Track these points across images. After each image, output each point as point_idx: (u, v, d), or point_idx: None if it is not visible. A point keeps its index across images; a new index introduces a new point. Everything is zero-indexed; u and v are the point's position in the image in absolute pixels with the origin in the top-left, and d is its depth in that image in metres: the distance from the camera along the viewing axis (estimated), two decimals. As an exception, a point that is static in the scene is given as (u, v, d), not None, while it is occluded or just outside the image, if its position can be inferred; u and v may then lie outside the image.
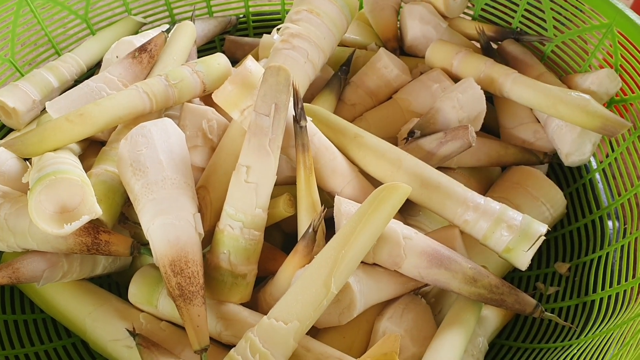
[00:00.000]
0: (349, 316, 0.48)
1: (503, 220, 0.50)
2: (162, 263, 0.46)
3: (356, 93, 0.65)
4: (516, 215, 0.51)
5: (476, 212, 0.51)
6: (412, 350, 0.49)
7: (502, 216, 0.50)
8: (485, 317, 0.54)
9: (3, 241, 0.50)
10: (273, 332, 0.43)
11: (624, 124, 0.55)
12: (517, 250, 0.50)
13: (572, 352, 0.52)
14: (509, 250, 0.50)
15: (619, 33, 0.58)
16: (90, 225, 0.49)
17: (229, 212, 0.48)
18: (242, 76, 0.51)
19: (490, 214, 0.50)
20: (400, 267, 0.48)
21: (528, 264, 0.50)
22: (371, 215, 0.45)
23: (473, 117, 0.60)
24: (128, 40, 0.67)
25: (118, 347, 0.52)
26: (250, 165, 0.47)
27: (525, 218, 0.50)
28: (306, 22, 0.60)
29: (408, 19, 0.71)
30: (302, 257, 0.48)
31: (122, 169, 0.49)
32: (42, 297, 0.56)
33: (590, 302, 0.57)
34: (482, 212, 0.51)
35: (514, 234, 0.50)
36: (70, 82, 0.69)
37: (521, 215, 0.51)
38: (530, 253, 0.50)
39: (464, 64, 0.64)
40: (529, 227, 0.50)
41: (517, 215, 0.51)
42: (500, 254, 0.51)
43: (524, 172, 0.61)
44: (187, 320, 0.45)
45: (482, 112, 0.61)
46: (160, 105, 0.54)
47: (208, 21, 0.79)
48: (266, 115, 0.47)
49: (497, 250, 0.51)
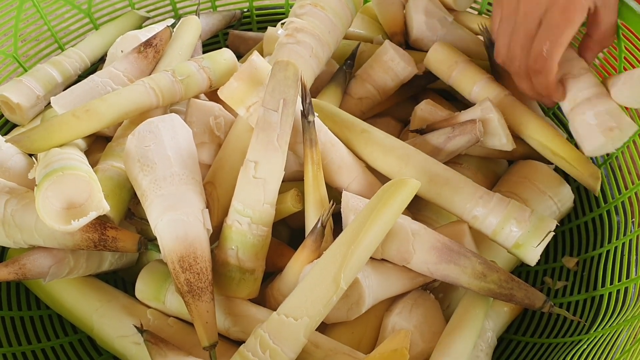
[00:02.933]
0: (357, 312, 0.48)
1: (512, 216, 0.50)
2: (171, 259, 0.46)
3: (363, 87, 0.65)
4: (525, 210, 0.50)
5: (485, 208, 0.50)
6: (421, 346, 0.49)
7: (512, 212, 0.50)
8: (493, 312, 0.54)
9: (9, 237, 0.50)
10: (283, 328, 0.43)
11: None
12: (527, 246, 0.50)
13: (582, 347, 0.51)
14: (518, 246, 0.50)
15: (622, 25, 0.57)
16: (97, 221, 0.49)
17: (236, 208, 0.48)
18: (248, 72, 0.50)
19: (500, 210, 0.50)
20: (409, 262, 0.48)
21: (537, 259, 0.50)
22: (380, 211, 0.45)
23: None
24: (133, 35, 0.67)
25: (126, 343, 0.51)
26: (258, 161, 0.47)
27: (535, 213, 0.50)
28: (311, 16, 0.60)
29: (413, 12, 0.70)
30: (311, 253, 0.48)
31: (130, 165, 0.49)
32: (48, 294, 0.56)
33: (599, 297, 0.57)
34: (492, 208, 0.50)
35: (523, 229, 0.49)
36: (74, 77, 0.69)
37: (530, 211, 0.50)
38: (539, 249, 0.49)
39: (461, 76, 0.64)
40: (539, 223, 0.49)
41: (527, 210, 0.50)
42: (509, 250, 0.51)
43: (532, 166, 0.61)
44: (195, 317, 0.45)
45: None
46: (166, 101, 0.54)
47: (212, 15, 0.79)
48: (274, 110, 0.47)
49: (507, 246, 0.51)
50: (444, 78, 0.66)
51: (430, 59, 0.65)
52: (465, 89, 0.64)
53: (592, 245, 0.62)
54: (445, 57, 0.64)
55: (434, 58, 0.65)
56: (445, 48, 0.65)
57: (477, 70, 0.63)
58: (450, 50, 0.65)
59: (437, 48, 0.65)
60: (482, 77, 0.63)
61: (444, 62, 0.64)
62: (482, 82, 0.62)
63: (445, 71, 0.64)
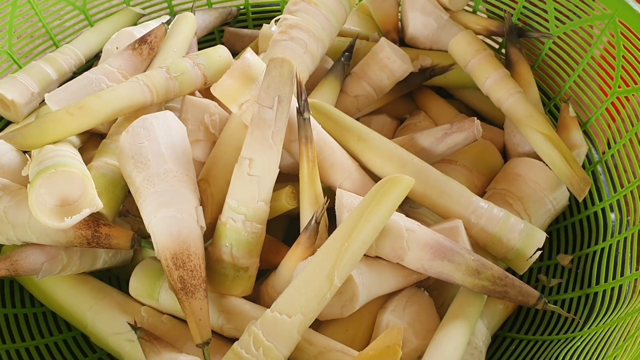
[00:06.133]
0: (351, 309, 0.48)
1: (502, 233, 0.52)
2: (164, 256, 0.45)
3: (358, 84, 0.65)
4: (516, 228, 0.52)
5: (480, 220, 0.52)
6: (415, 343, 0.49)
7: (503, 228, 0.52)
8: (488, 309, 0.54)
9: (2, 234, 0.50)
10: (277, 325, 0.43)
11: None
12: (519, 258, 0.53)
13: (576, 344, 0.52)
14: (508, 259, 0.53)
15: (621, 23, 0.57)
16: (91, 218, 0.49)
17: (231, 205, 0.48)
18: (241, 69, 0.50)
19: (491, 226, 0.52)
20: (403, 259, 0.48)
21: (525, 270, 0.53)
22: (374, 208, 0.45)
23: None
24: (128, 32, 0.67)
25: (119, 340, 0.51)
26: (253, 158, 0.47)
27: (526, 228, 0.53)
28: (304, 13, 0.60)
29: (409, 10, 0.70)
30: (305, 250, 0.48)
31: (124, 162, 0.48)
32: (42, 291, 0.55)
33: (593, 294, 0.57)
34: (486, 219, 0.52)
35: (515, 242, 0.52)
36: (68, 74, 0.69)
37: (522, 227, 0.53)
38: (530, 261, 0.53)
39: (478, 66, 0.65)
40: (528, 240, 0.52)
41: (517, 227, 0.52)
42: (501, 259, 0.53)
43: (527, 163, 0.61)
44: (189, 314, 0.45)
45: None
46: (161, 98, 0.54)
47: (208, 12, 0.79)
48: (269, 107, 0.46)
49: (499, 256, 0.53)
50: (462, 64, 0.66)
51: (454, 44, 0.66)
52: (479, 78, 0.65)
53: (587, 243, 0.62)
54: (469, 45, 0.65)
55: (458, 44, 0.66)
56: (472, 36, 0.66)
57: (495, 64, 0.64)
58: (477, 40, 0.66)
59: (465, 34, 0.66)
60: (499, 72, 0.63)
61: (467, 48, 0.65)
62: (497, 75, 0.63)
63: (465, 57, 0.65)
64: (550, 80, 0.70)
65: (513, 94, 0.61)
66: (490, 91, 0.64)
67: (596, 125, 0.64)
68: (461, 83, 0.71)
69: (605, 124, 0.63)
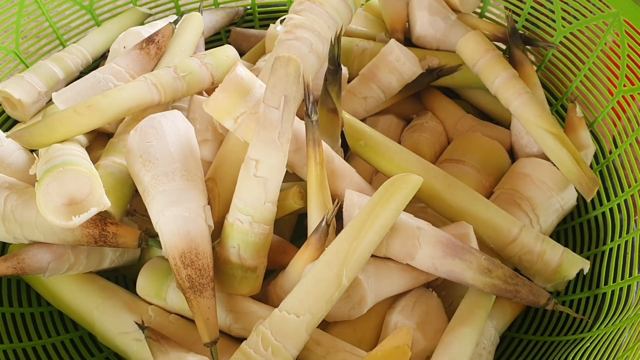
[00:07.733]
0: (359, 312, 0.48)
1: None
2: (172, 255, 0.45)
3: (367, 86, 0.65)
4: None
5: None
6: (423, 344, 0.48)
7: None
8: (496, 310, 0.54)
9: (9, 232, 0.50)
10: (285, 324, 0.43)
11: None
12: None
13: (585, 345, 0.51)
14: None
15: (625, 22, 0.57)
16: (98, 217, 0.49)
17: (238, 206, 0.47)
18: (233, 83, 0.49)
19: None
20: (413, 257, 0.48)
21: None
22: (383, 206, 0.45)
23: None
24: (136, 31, 0.67)
25: (127, 340, 0.51)
26: (260, 159, 0.46)
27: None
28: (309, 12, 0.59)
29: (417, 10, 0.70)
30: (314, 251, 0.48)
31: (131, 161, 0.48)
32: (49, 290, 0.55)
33: (602, 295, 0.56)
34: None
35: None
36: (75, 74, 0.69)
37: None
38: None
39: (486, 66, 0.64)
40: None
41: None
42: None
43: (535, 163, 0.60)
44: (196, 313, 0.45)
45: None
46: (168, 98, 0.54)
47: (216, 12, 0.79)
48: (275, 107, 0.45)
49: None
50: (470, 63, 0.66)
51: (463, 44, 0.66)
52: (488, 78, 0.64)
53: (595, 243, 0.61)
54: (478, 44, 0.65)
55: (466, 43, 0.66)
56: (481, 36, 0.66)
57: (504, 64, 0.64)
58: (485, 40, 0.66)
59: (473, 34, 0.66)
60: (508, 71, 0.63)
61: (476, 48, 0.65)
62: (506, 75, 0.63)
63: (474, 57, 0.65)
64: (557, 80, 0.69)
65: (522, 93, 0.61)
66: (498, 91, 0.63)
67: (602, 124, 0.64)
68: (468, 83, 0.71)
69: (611, 123, 0.63)
